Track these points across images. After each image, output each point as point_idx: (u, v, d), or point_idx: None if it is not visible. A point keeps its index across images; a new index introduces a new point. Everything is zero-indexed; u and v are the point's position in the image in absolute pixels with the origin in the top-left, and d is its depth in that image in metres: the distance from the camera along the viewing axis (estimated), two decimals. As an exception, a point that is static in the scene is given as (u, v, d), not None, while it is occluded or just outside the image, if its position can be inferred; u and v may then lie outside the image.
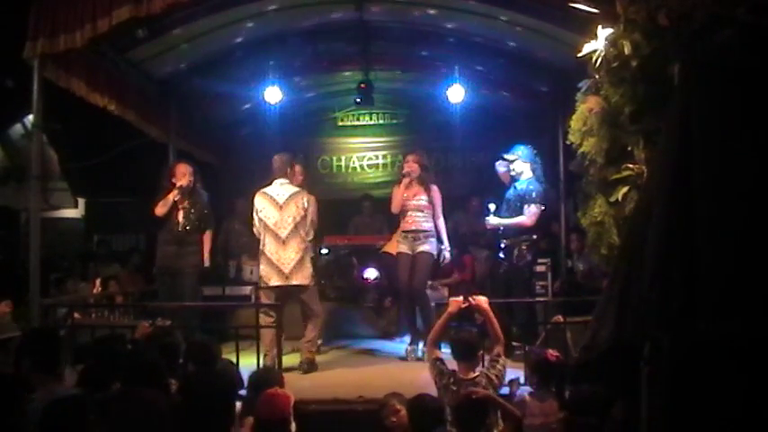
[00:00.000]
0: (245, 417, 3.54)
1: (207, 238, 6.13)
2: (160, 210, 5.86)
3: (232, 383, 3.54)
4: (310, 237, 5.65)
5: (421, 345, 5.90)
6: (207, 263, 6.13)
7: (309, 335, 5.54)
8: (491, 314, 4.10)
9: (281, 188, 5.57)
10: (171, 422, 2.54)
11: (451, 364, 4.05)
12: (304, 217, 5.50)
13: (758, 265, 1.96)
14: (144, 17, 4.92)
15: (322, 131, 10.12)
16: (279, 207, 5.47)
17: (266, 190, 5.58)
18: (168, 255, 5.86)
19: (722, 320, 1.96)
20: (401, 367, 5.70)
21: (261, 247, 5.50)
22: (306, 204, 5.54)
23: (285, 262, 5.39)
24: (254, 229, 5.61)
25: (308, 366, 5.38)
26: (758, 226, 1.99)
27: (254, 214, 5.54)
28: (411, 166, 6.06)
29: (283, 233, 5.42)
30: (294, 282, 5.42)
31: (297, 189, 5.62)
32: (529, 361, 4.12)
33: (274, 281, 5.41)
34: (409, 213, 6.00)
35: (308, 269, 5.51)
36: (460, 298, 4.29)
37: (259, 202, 5.54)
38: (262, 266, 5.49)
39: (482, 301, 4.16)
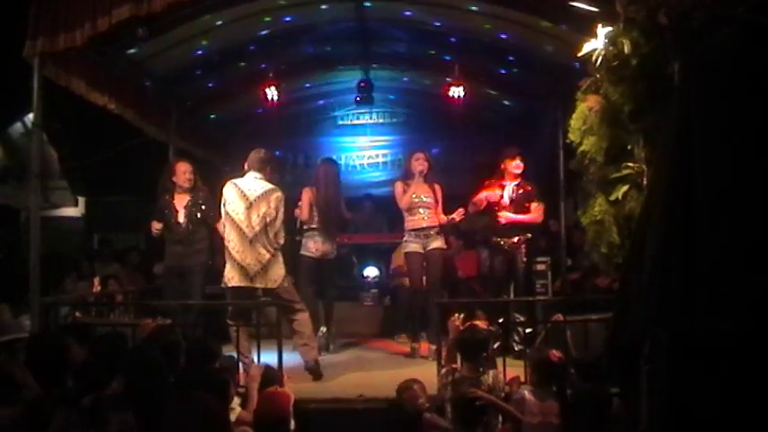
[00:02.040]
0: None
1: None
2: (150, 229, 5.88)
3: (228, 380, 3.55)
4: (281, 239, 5.21)
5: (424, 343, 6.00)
6: None
7: (303, 337, 5.09)
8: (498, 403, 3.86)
9: (254, 182, 5.15)
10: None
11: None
12: (275, 218, 5.10)
13: (758, 263, 1.96)
14: (144, 16, 4.92)
15: (322, 131, 10.12)
16: (248, 204, 5.06)
17: (238, 181, 5.17)
18: (176, 254, 5.83)
19: (722, 319, 1.96)
20: (401, 366, 5.70)
21: (225, 243, 5.10)
22: (278, 203, 5.13)
23: (251, 263, 5.00)
24: (221, 221, 5.24)
25: (315, 366, 5.08)
26: (758, 225, 1.99)
27: (222, 206, 5.16)
28: (423, 164, 6.07)
29: (250, 232, 5.02)
30: (258, 285, 5.04)
31: (271, 186, 5.19)
32: (530, 360, 4.13)
33: (236, 281, 5.03)
34: (418, 211, 6.01)
35: (276, 271, 5.09)
36: (460, 318, 4.34)
37: (228, 193, 5.12)
38: (227, 265, 5.09)
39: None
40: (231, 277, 5.04)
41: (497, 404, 3.67)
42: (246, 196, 5.08)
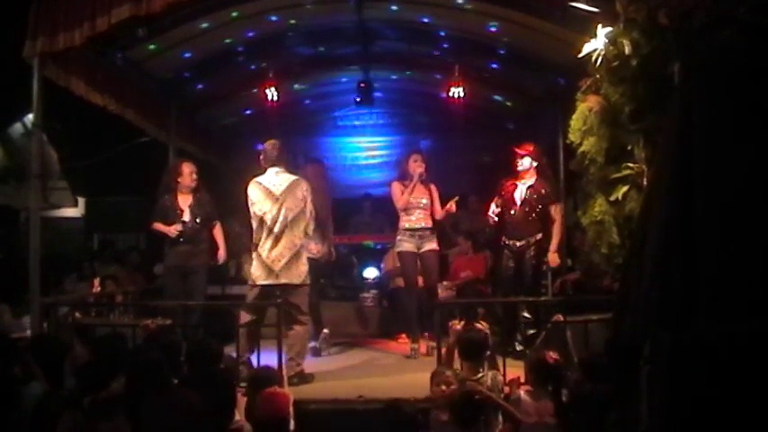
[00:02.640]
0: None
1: (218, 232, 6.08)
2: (157, 229, 5.89)
3: (232, 380, 3.56)
4: (310, 229, 5.25)
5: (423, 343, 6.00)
6: (223, 257, 6.09)
7: (292, 351, 5.00)
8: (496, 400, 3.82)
9: (276, 177, 5.11)
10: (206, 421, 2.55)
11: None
12: (303, 209, 5.10)
13: (758, 263, 1.96)
14: (144, 16, 4.92)
15: (322, 131, 10.12)
16: (275, 199, 5.04)
17: (260, 179, 5.14)
18: (181, 254, 5.84)
19: (722, 319, 1.96)
20: (401, 367, 5.70)
21: (255, 241, 5.10)
22: (305, 193, 5.14)
23: (276, 259, 4.98)
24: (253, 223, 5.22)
25: (299, 379, 4.97)
26: (758, 225, 1.99)
27: (249, 206, 5.14)
28: (421, 165, 6.08)
29: (278, 228, 5.00)
30: (283, 280, 5.01)
31: (295, 178, 5.17)
32: (528, 360, 4.14)
33: (262, 280, 5.02)
34: (414, 211, 6.04)
35: (300, 267, 5.09)
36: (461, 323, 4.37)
37: (253, 193, 5.10)
38: (253, 264, 5.12)
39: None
40: (258, 275, 5.05)
41: (494, 400, 3.67)
42: (272, 192, 5.06)
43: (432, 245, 6.05)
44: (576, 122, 4.76)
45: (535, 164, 5.91)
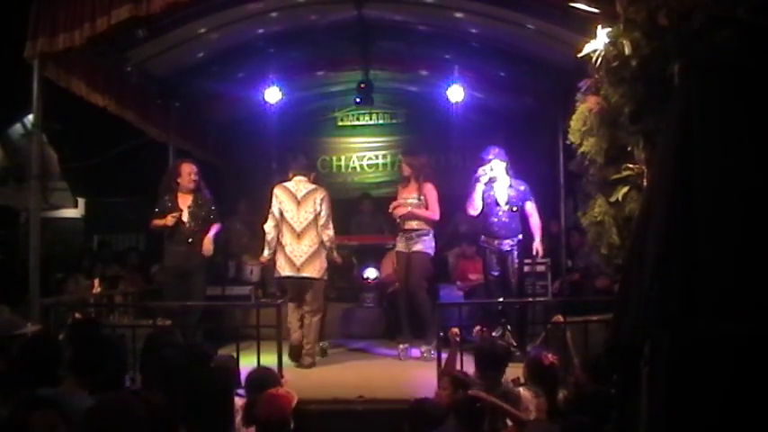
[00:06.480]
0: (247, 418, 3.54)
1: (212, 228, 6.05)
2: (156, 225, 5.88)
3: (230, 380, 3.54)
4: (330, 230, 5.78)
5: (424, 347, 5.96)
6: (208, 249, 5.93)
7: (309, 336, 5.72)
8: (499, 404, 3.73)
9: (299, 184, 5.83)
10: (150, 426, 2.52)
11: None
12: (320, 212, 5.72)
13: (758, 264, 1.97)
14: (144, 17, 4.92)
15: (322, 131, 10.11)
16: (297, 202, 5.73)
17: (286, 184, 5.85)
18: (178, 255, 5.84)
19: (722, 319, 1.96)
20: (401, 367, 5.71)
21: (279, 238, 5.72)
22: (321, 201, 5.76)
23: (298, 254, 5.63)
24: (268, 221, 5.72)
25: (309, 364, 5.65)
26: (758, 226, 2.00)
27: (274, 205, 5.73)
28: (405, 169, 6.26)
29: (299, 226, 5.67)
30: (304, 273, 5.62)
31: (314, 186, 5.88)
32: (527, 359, 4.15)
33: (286, 271, 5.65)
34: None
35: (320, 263, 5.69)
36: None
37: (279, 194, 5.79)
38: (278, 258, 5.72)
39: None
40: (282, 267, 5.71)
41: (499, 406, 3.66)
42: (295, 195, 5.78)
43: (418, 246, 6.08)
44: (576, 123, 4.75)
45: (504, 163, 6.01)
